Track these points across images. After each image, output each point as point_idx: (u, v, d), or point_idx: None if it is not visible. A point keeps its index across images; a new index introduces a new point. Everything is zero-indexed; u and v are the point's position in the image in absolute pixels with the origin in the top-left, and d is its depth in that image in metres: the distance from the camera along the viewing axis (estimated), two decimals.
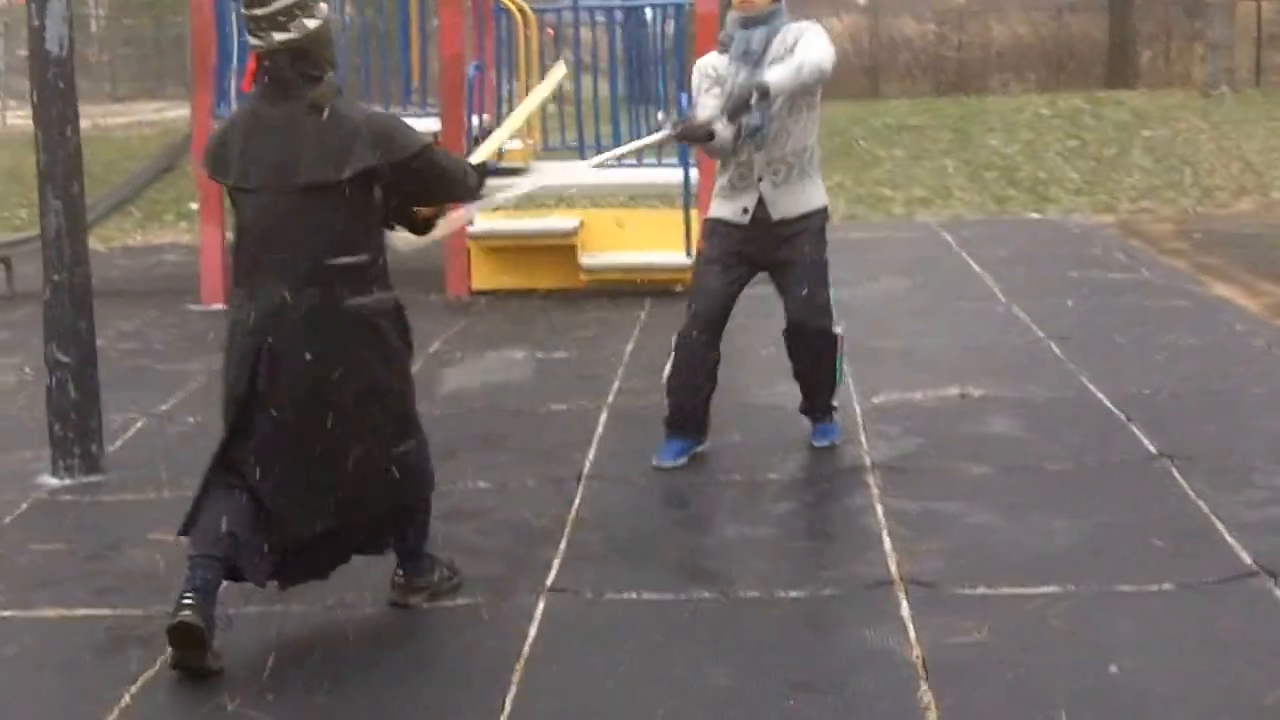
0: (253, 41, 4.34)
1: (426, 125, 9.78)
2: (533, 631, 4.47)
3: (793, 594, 4.69)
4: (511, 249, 10.07)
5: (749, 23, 5.66)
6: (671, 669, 4.17)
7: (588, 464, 6.12)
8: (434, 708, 4.05)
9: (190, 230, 12.97)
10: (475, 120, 10.39)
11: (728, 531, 5.32)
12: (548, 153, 11.42)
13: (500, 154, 10.55)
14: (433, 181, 4.53)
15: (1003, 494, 5.54)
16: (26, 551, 5.36)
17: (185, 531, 4.36)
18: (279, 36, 4.28)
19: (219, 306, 9.44)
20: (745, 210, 5.76)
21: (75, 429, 6.16)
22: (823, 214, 5.88)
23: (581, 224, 10.05)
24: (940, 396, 6.94)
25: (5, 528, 5.64)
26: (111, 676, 4.26)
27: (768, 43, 5.63)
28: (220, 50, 9.91)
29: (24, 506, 5.87)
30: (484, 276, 10.09)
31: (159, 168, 10.85)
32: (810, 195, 5.82)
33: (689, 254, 9.74)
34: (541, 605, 4.66)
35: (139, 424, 7.00)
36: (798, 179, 5.76)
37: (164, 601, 4.74)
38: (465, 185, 4.67)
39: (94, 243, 11.81)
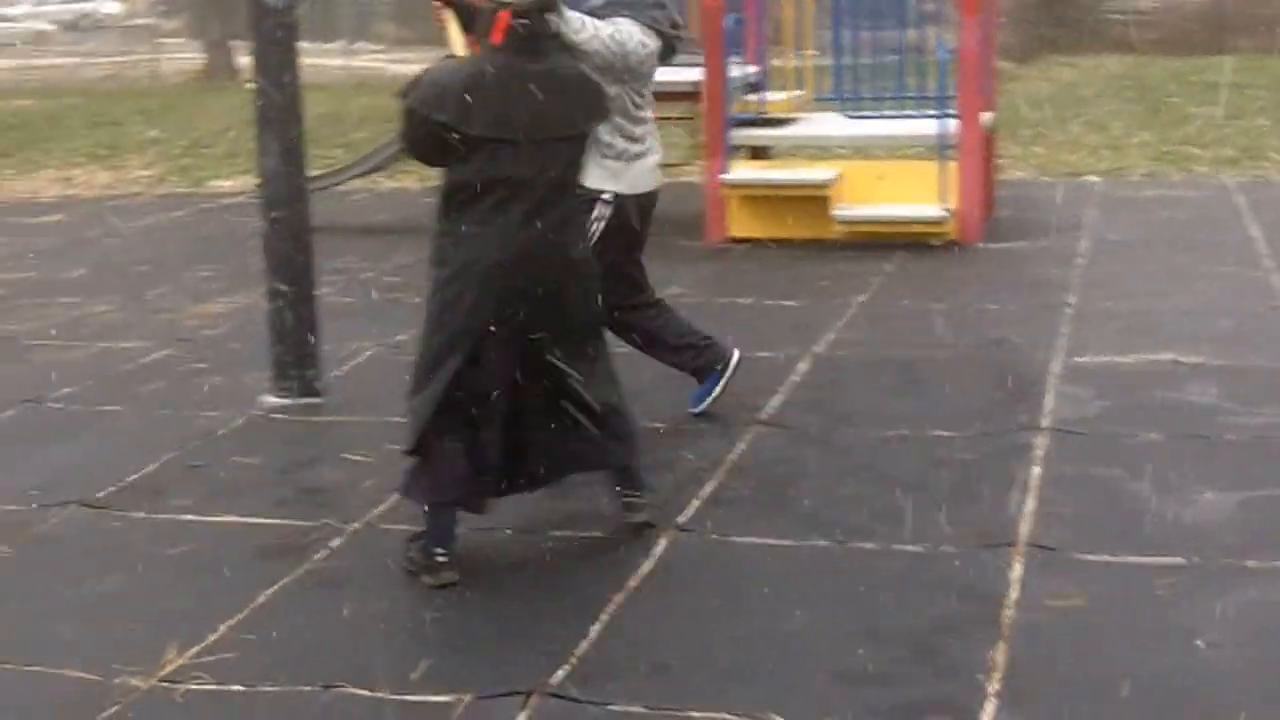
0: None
1: (688, 75, 9.97)
2: (646, 566, 4.65)
3: (910, 548, 4.73)
4: (769, 198, 10.17)
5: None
6: (755, 612, 4.28)
7: (768, 411, 6.22)
8: (526, 621, 4.27)
9: None
10: (739, 71, 10.54)
11: (871, 484, 5.36)
12: (819, 104, 11.47)
13: (762, 105, 10.74)
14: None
15: (1168, 462, 5.41)
16: (227, 464, 5.81)
17: (413, 451, 4.61)
18: None
19: None
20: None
21: (292, 353, 6.60)
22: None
23: (840, 175, 10.06)
24: (1150, 361, 6.76)
25: (216, 440, 6.11)
26: (254, 578, 4.64)
27: None
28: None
29: (238, 423, 6.34)
30: (741, 224, 10.23)
31: None
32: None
33: (945, 208, 9.69)
34: (663, 543, 4.83)
35: (369, 352, 7.42)
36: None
37: (330, 515, 5.15)
38: None
39: (412, 181, 12.54)
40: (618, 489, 4.97)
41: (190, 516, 5.24)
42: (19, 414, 6.53)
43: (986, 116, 10.29)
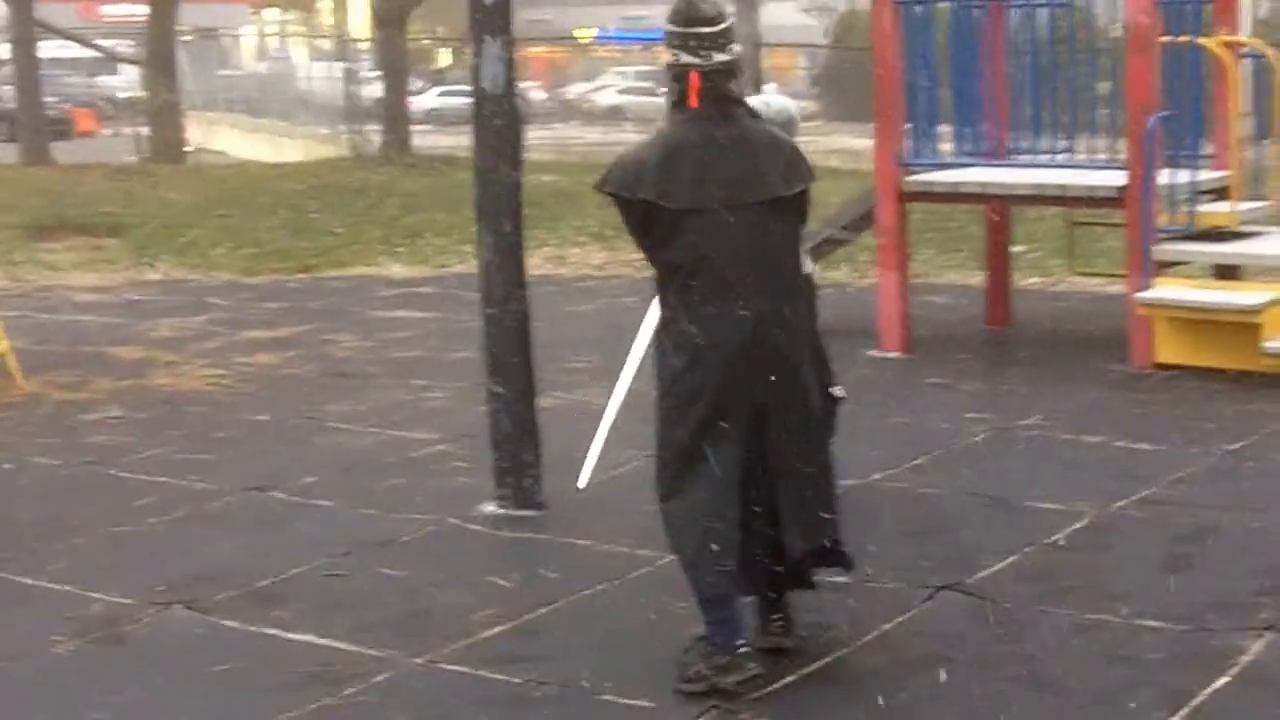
0: (691, 60, 4.40)
1: (1110, 179, 8.92)
2: None
3: None
4: (1194, 321, 8.88)
5: None
6: None
7: (973, 575, 5.29)
8: None
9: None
10: (1186, 175, 9.30)
11: (1021, 685, 4.38)
12: None
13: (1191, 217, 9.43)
14: (804, 213, 4.63)
15: None
16: (370, 574, 5.55)
17: (680, 553, 4.50)
18: (719, 56, 4.40)
19: (896, 354, 9.17)
20: None
21: (509, 460, 6.25)
22: None
23: (1273, 301, 8.66)
24: None
25: (391, 546, 5.87)
26: (267, 707, 4.38)
27: None
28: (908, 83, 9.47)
29: (429, 530, 6.06)
30: (1169, 349, 8.98)
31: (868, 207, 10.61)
32: None
33: None
34: None
35: (636, 463, 6.94)
36: None
37: (405, 645, 4.77)
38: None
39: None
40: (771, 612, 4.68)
41: (272, 630, 5.01)
42: (233, 502, 6.52)
43: None
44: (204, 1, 50.59)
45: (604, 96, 45.43)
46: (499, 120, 6.10)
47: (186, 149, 26.54)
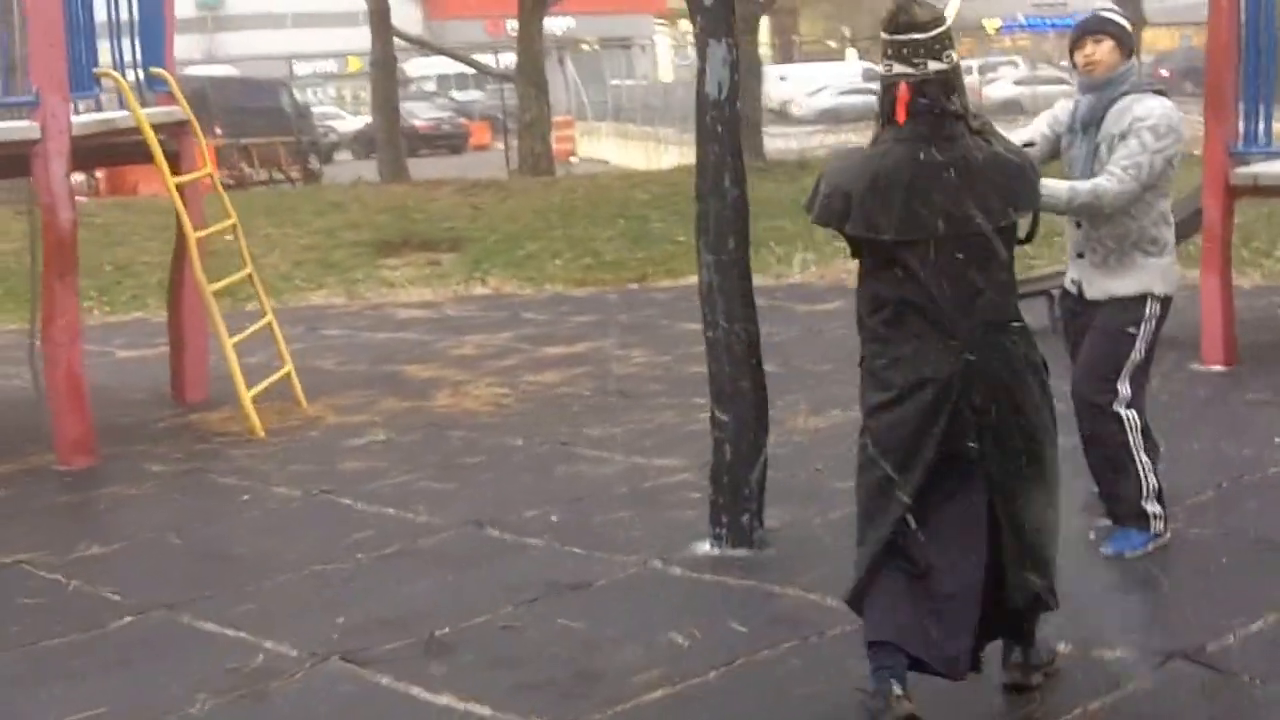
0: (904, 70, 4.00)
1: None
2: None
3: None
4: None
5: (1086, 88, 5.26)
6: None
7: (1218, 641, 4.51)
8: None
9: None
10: None
11: None
12: None
13: None
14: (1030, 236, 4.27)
15: None
16: (548, 626, 5.16)
17: (852, 604, 4.19)
18: (934, 66, 3.99)
19: (1220, 368, 8.26)
20: (1073, 281, 5.41)
21: (727, 494, 5.78)
22: (1140, 303, 5.21)
23: None
24: None
25: (586, 591, 5.47)
26: None
27: (1102, 114, 5.19)
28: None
29: (629, 573, 5.66)
30: None
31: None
32: (1126, 281, 5.23)
33: None
34: None
35: None
36: (1116, 262, 5.22)
37: (555, 712, 4.39)
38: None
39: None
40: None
41: (418, 690, 4.68)
42: (448, 537, 6.24)
43: None
44: (604, 13, 51.81)
45: (997, 89, 43.84)
46: (721, 127, 5.62)
47: (572, 159, 26.88)
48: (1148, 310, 5.20)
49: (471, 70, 35.25)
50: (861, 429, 4.14)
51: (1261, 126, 8.26)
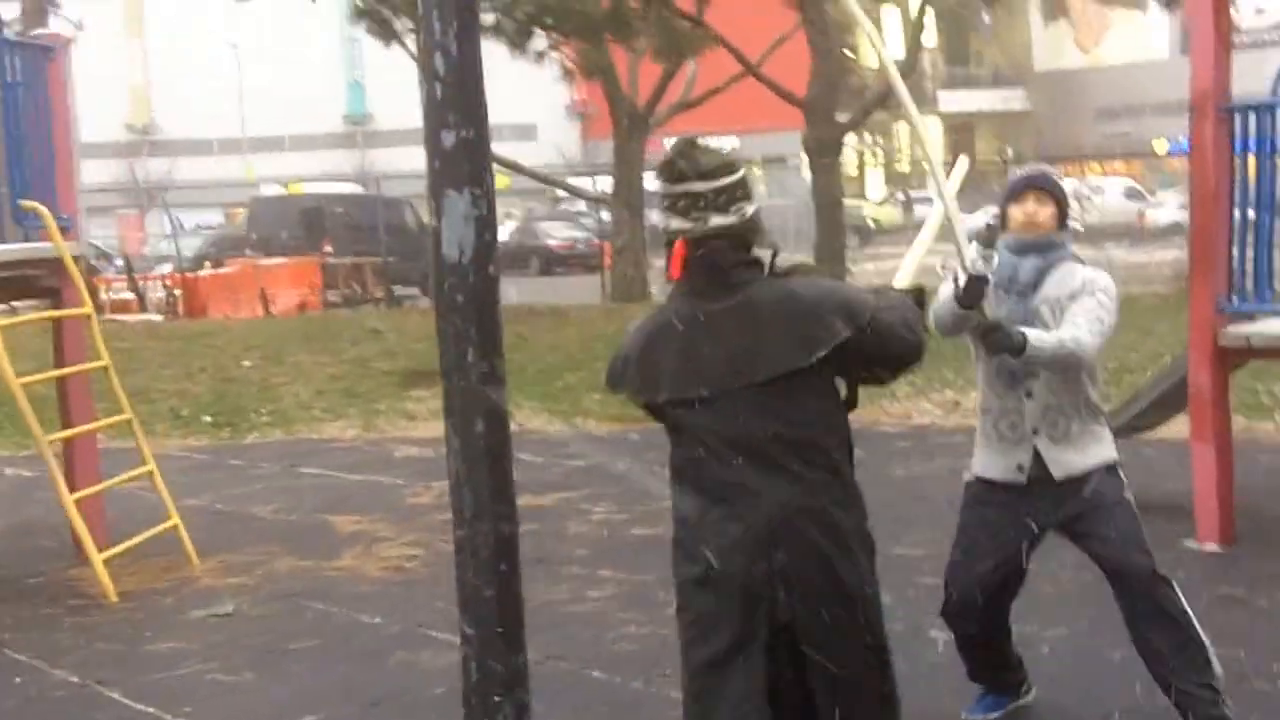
0: (679, 225, 3.68)
1: None
2: None
3: None
4: None
5: (1023, 249, 4.79)
6: None
7: None
8: None
9: None
10: None
11: None
12: None
13: None
14: (888, 341, 3.70)
15: None
16: None
17: None
18: (717, 221, 3.67)
19: (1214, 548, 7.07)
20: (1020, 468, 4.76)
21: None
22: (1115, 471, 4.79)
23: None
24: None
25: None
26: None
27: (1041, 277, 4.78)
28: None
29: None
30: None
31: None
32: (1091, 451, 4.77)
33: None
34: None
35: None
36: (1078, 433, 4.77)
37: None
38: (915, 339, 3.75)
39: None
40: None
41: None
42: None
43: None
44: (759, 131, 50.64)
45: (1163, 214, 41.40)
46: (461, 296, 4.36)
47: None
48: (1122, 477, 4.82)
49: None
50: (677, 608, 3.77)
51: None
